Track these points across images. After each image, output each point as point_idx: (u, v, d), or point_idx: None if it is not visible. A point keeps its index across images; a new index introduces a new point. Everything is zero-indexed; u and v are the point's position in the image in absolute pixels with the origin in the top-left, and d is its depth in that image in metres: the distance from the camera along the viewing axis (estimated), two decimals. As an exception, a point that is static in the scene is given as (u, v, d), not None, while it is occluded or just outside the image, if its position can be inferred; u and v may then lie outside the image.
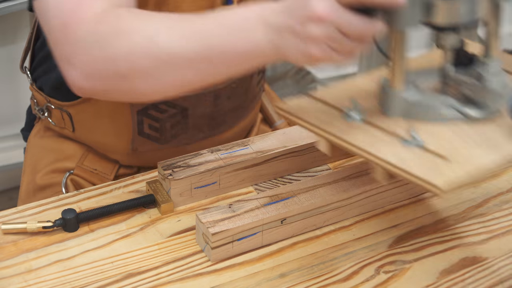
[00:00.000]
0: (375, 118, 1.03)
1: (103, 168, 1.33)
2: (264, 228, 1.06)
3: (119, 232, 1.09)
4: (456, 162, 0.95)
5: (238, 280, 1.02)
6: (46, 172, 1.35)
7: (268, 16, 0.94)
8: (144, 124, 1.27)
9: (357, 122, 1.03)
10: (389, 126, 1.01)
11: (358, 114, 1.04)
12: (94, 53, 1.00)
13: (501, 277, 1.04)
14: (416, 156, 0.96)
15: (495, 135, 0.99)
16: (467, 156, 0.96)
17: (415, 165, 0.94)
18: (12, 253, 1.05)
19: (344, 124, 1.03)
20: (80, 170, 1.33)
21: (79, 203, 1.13)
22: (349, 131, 1.01)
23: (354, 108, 1.04)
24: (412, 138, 0.98)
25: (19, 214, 1.11)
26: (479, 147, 0.97)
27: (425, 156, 0.96)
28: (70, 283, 1.00)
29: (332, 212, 1.11)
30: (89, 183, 1.32)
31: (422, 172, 0.93)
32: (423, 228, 1.11)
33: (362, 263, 1.05)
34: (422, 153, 0.97)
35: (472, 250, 1.08)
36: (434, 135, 1.00)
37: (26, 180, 1.39)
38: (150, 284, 1.01)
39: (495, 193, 1.18)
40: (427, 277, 1.03)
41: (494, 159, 0.95)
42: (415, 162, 0.95)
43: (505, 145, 0.97)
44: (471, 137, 0.99)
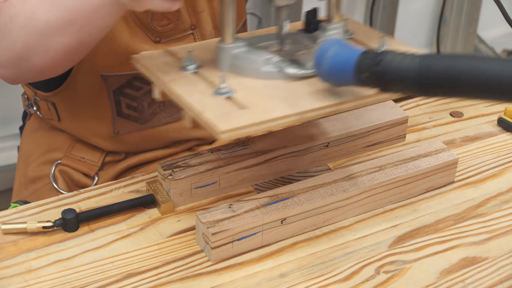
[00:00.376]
0: (206, 70, 1.07)
1: (91, 156, 1.38)
2: (264, 228, 1.06)
3: (119, 232, 1.09)
4: (251, 111, 0.97)
5: (238, 280, 1.02)
6: (37, 164, 1.39)
7: None
8: (122, 104, 1.32)
9: (190, 72, 1.07)
10: (213, 78, 1.05)
11: (193, 66, 1.08)
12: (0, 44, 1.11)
13: (501, 277, 1.04)
14: (218, 104, 0.99)
15: (300, 92, 1.01)
16: (264, 107, 0.98)
17: (211, 111, 0.97)
18: (12, 253, 1.05)
19: (178, 74, 1.07)
20: (68, 160, 1.37)
21: (79, 203, 1.13)
22: (178, 80, 1.05)
23: (189, 60, 1.08)
24: (223, 87, 1.01)
25: (19, 214, 1.11)
26: (279, 101, 1.00)
27: (227, 104, 0.99)
28: (70, 283, 1.00)
29: (332, 212, 1.11)
30: (77, 172, 1.36)
31: (213, 116, 0.96)
32: (423, 228, 1.11)
33: (362, 263, 1.05)
34: (225, 102, 1.00)
35: (472, 250, 1.08)
36: (247, 88, 1.03)
37: (19, 175, 1.42)
38: (150, 284, 1.01)
39: (495, 193, 1.18)
40: (427, 277, 1.03)
41: (285, 112, 0.97)
42: (213, 108, 0.98)
43: (303, 102, 0.99)
44: (279, 92, 1.02)
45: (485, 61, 0.84)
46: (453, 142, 1.28)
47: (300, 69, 1.04)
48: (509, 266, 1.05)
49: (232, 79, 1.05)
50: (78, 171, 1.37)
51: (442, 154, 1.19)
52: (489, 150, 1.27)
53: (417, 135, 1.30)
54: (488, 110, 1.36)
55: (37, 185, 1.39)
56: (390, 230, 1.11)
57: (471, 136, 1.30)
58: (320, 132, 1.23)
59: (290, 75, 1.04)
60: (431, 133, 1.30)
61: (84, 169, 1.37)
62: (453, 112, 1.36)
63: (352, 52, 0.95)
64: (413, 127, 1.31)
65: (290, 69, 1.04)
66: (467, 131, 1.31)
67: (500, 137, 1.30)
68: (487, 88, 0.84)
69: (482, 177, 1.21)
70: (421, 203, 1.16)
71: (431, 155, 1.18)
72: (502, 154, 1.26)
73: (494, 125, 1.32)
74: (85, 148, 1.38)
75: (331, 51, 0.96)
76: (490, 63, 0.84)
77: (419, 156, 1.18)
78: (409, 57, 0.89)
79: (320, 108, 0.98)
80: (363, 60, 0.93)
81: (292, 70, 1.04)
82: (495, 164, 1.24)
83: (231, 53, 1.07)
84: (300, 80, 1.03)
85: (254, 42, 1.12)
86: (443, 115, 1.35)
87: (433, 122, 1.33)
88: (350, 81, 0.95)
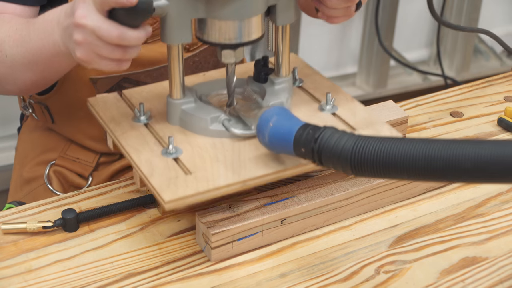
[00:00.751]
0: (157, 123, 1.11)
1: (85, 156, 1.39)
2: (264, 228, 1.06)
3: (119, 232, 1.09)
4: (194, 178, 1.00)
5: (238, 280, 1.02)
6: (32, 165, 1.39)
7: (61, 17, 1.05)
8: None
9: (141, 124, 1.11)
10: (162, 133, 1.09)
11: (145, 118, 1.12)
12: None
13: (501, 277, 1.04)
14: (165, 168, 1.03)
15: (245, 156, 1.05)
16: (208, 174, 1.02)
17: (158, 176, 1.01)
18: (12, 253, 1.05)
19: (129, 126, 1.11)
20: (62, 160, 1.38)
21: (79, 203, 1.13)
22: (128, 133, 1.09)
23: (141, 111, 1.12)
24: (171, 148, 1.05)
25: (19, 214, 1.11)
26: (223, 166, 1.03)
27: (173, 168, 1.03)
28: (70, 283, 1.00)
29: (332, 212, 1.11)
30: (72, 173, 1.37)
31: (159, 184, 0.99)
32: (423, 228, 1.11)
33: (362, 263, 1.05)
34: (172, 165, 1.03)
35: (472, 250, 1.08)
36: (194, 148, 1.06)
37: (15, 175, 1.42)
38: (150, 284, 1.01)
39: (495, 193, 1.18)
40: (427, 277, 1.03)
41: (229, 180, 1.01)
42: (160, 173, 1.01)
43: (247, 169, 1.03)
44: (225, 154, 1.05)
45: (415, 144, 0.86)
46: (453, 142, 1.28)
47: (245, 129, 1.08)
48: (509, 266, 1.05)
49: (181, 134, 1.09)
50: (73, 172, 1.37)
51: None
52: (489, 150, 1.26)
53: (417, 135, 1.30)
54: (488, 110, 1.36)
55: (32, 186, 1.39)
56: (390, 230, 1.11)
57: (471, 136, 1.30)
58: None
59: (236, 135, 1.08)
60: (431, 133, 1.30)
61: (78, 169, 1.37)
62: (453, 112, 1.35)
63: (292, 125, 0.98)
64: (413, 127, 1.31)
65: (236, 130, 1.08)
66: (467, 131, 1.31)
67: (500, 137, 1.30)
68: (417, 171, 0.85)
69: (482, 177, 1.21)
70: (421, 203, 1.16)
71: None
72: (502, 154, 1.26)
73: (494, 125, 1.32)
74: (80, 148, 1.39)
75: (272, 121, 0.99)
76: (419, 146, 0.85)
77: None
78: (345, 137, 0.91)
79: (262, 176, 1.02)
80: (301, 135, 0.96)
81: (238, 131, 1.08)
82: (495, 164, 1.24)
83: (180, 108, 1.10)
84: (245, 140, 1.08)
85: (204, 91, 1.16)
86: (443, 115, 1.35)
87: (433, 122, 1.33)
88: (290, 152, 0.98)
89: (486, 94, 1.41)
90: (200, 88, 1.17)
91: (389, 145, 0.86)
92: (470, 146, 0.82)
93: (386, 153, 0.86)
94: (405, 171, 0.86)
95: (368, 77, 2.82)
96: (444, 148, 0.83)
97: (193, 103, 1.11)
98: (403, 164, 0.85)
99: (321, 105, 1.15)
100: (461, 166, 0.82)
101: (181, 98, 1.10)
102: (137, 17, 0.98)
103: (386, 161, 0.86)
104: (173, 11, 1.03)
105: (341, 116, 1.13)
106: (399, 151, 0.86)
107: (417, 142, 0.85)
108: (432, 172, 0.84)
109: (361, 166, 0.88)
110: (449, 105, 1.37)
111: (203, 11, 1.04)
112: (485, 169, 0.81)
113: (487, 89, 1.42)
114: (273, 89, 1.15)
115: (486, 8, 2.88)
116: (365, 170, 0.89)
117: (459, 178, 0.84)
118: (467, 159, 0.82)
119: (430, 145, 0.84)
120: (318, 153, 0.93)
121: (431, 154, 0.84)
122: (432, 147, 0.84)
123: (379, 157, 0.87)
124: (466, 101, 1.39)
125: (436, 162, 0.83)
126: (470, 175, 0.83)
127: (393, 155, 0.86)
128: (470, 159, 0.82)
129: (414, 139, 0.86)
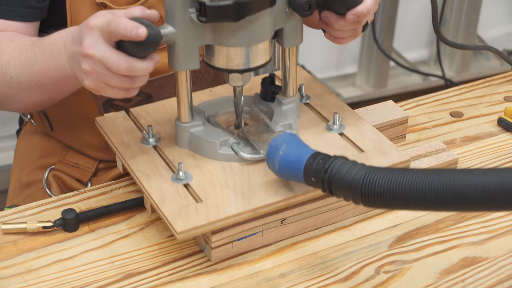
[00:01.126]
0: (166, 145, 1.12)
1: (84, 162, 1.38)
2: (264, 228, 1.06)
3: (119, 232, 1.09)
4: (205, 206, 1.01)
5: (238, 280, 1.02)
6: (31, 169, 1.39)
7: (68, 42, 1.05)
8: None
9: (150, 147, 1.12)
10: (172, 156, 1.10)
11: (153, 140, 1.12)
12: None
13: (501, 277, 1.04)
14: (175, 194, 1.03)
15: (255, 182, 1.05)
16: (219, 202, 1.02)
17: (168, 204, 1.01)
18: (12, 253, 1.05)
19: (138, 148, 1.11)
20: (61, 165, 1.37)
21: (79, 203, 1.13)
22: (137, 157, 1.10)
23: (150, 133, 1.12)
24: (181, 174, 1.05)
25: (19, 214, 1.11)
26: (234, 192, 1.03)
27: (183, 195, 1.03)
28: (70, 283, 1.00)
29: (332, 212, 1.11)
30: (71, 178, 1.36)
31: (170, 214, 1.00)
32: (423, 228, 1.11)
33: (362, 263, 1.05)
34: (182, 192, 1.04)
35: (472, 250, 1.08)
36: (204, 173, 1.07)
37: (14, 179, 1.42)
38: (150, 284, 1.01)
39: (495, 193, 1.18)
40: (427, 277, 1.03)
41: (239, 209, 1.01)
42: (171, 201, 1.02)
43: (257, 196, 1.03)
44: (234, 180, 1.06)
45: (424, 176, 0.86)
46: (453, 142, 1.28)
47: (254, 153, 1.08)
48: (509, 266, 1.05)
49: (190, 158, 1.09)
50: (71, 177, 1.37)
51: (442, 154, 1.19)
52: (489, 150, 1.27)
53: (417, 135, 1.30)
54: (488, 110, 1.36)
55: (31, 190, 1.38)
56: (390, 230, 1.11)
57: (471, 136, 1.30)
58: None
59: (245, 159, 1.08)
60: (431, 133, 1.30)
61: (77, 175, 1.37)
62: (453, 112, 1.35)
63: (303, 153, 0.98)
64: (413, 127, 1.31)
65: (245, 154, 1.08)
66: (467, 131, 1.31)
67: (500, 137, 1.30)
68: (427, 202, 0.86)
69: (482, 177, 1.21)
70: (421, 203, 1.16)
71: (431, 155, 1.18)
72: (502, 154, 1.26)
73: (494, 125, 1.32)
74: (79, 154, 1.38)
75: (282, 149, 1.00)
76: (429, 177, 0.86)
77: (419, 156, 1.18)
78: (356, 168, 0.92)
79: (272, 203, 1.03)
80: (312, 164, 0.96)
81: (247, 155, 1.08)
82: (495, 164, 1.24)
83: (188, 131, 1.11)
84: (254, 163, 1.08)
85: (212, 111, 1.17)
86: (443, 115, 1.35)
87: (433, 122, 1.33)
88: (300, 180, 0.99)
89: (486, 94, 1.41)
90: (208, 108, 1.17)
91: (399, 177, 0.87)
92: (478, 175, 0.83)
93: (396, 184, 0.87)
94: (416, 203, 0.87)
95: (368, 77, 2.82)
96: (453, 179, 0.84)
97: (202, 126, 1.11)
98: (413, 196, 0.87)
99: (329, 125, 1.15)
100: (470, 196, 0.83)
101: (189, 121, 1.11)
102: (145, 49, 0.98)
103: (397, 193, 0.87)
104: (180, 38, 1.02)
105: (349, 136, 1.14)
106: (409, 182, 0.87)
107: (426, 173, 0.86)
108: (442, 203, 0.85)
109: (371, 198, 0.90)
110: (449, 105, 1.37)
111: (211, 38, 1.03)
112: (493, 198, 0.82)
113: (487, 89, 1.42)
114: (281, 110, 1.15)
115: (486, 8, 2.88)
116: (376, 201, 0.90)
117: (469, 208, 0.86)
118: (476, 189, 0.83)
119: (439, 176, 0.85)
120: (328, 183, 0.94)
121: (440, 186, 0.85)
122: (441, 178, 0.85)
123: (389, 188, 0.88)
124: (466, 101, 1.39)
125: (445, 193, 0.84)
126: (480, 205, 0.84)
127: (403, 187, 0.87)
128: (479, 189, 0.83)
129: (423, 170, 0.87)
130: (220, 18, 1.00)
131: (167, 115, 1.18)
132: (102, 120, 1.17)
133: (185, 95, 1.09)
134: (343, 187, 0.92)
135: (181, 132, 1.11)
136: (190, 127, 1.11)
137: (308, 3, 1.03)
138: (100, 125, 1.17)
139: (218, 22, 1.01)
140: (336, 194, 0.94)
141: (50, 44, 1.09)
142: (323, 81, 2.69)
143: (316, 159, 0.96)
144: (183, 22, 1.01)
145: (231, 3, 0.98)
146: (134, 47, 0.97)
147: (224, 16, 0.99)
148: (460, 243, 1.09)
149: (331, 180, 0.93)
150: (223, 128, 1.14)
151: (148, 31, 0.95)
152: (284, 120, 1.13)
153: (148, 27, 0.96)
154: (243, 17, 1.00)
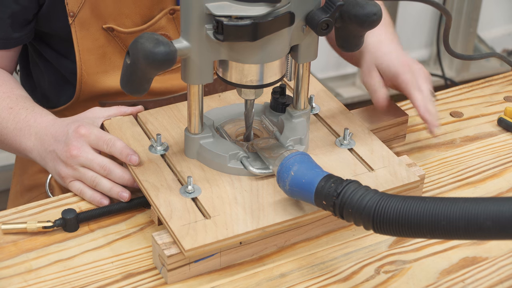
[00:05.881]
0: (173, 156, 1.11)
1: None
2: (222, 249, 1.03)
3: (119, 232, 1.09)
4: (214, 223, 1.00)
5: (238, 280, 1.02)
6: (33, 172, 1.38)
7: (43, 133, 1.14)
8: None
9: (157, 156, 1.11)
10: (180, 167, 1.09)
11: (161, 148, 1.12)
12: None
13: (501, 277, 1.04)
14: (183, 209, 1.02)
15: (264, 199, 1.04)
16: (228, 218, 1.01)
17: (177, 220, 1.00)
18: (12, 253, 1.05)
19: (145, 156, 1.11)
20: None
21: (79, 203, 1.13)
22: (145, 165, 1.10)
23: (159, 142, 1.12)
24: (190, 188, 1.04)
25: (19, 214, 1.11)
26: (243, 209, 1.02)
27: (192, 210, 1.02)
28: (70, 283, 1.00)
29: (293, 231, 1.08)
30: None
31: (178, 230, 0.99)
32: (423, 228, 1.11)
33: (362, 263, 1.05)
34: (191, 206, 1.03)
35: (472, 250, 1.08)
36: (212, 187, 1.06)
37: (15, 182, 1.41)
38: (150, 284, 1.01)
39: (495, 193, 1.18)
40: (427, 277, 1.03)
41: (248, 228, 1.00)
42: (179, 216, 1.01)
43: (266, 215, 1.02)
44: (244, 195, 1.05)
45: (437, 204, 0.87)
46: (453, 142, 1.28)
47: (263, 168, 1.07)
48: (509, 266, 1.05)
49: (199, 169, 1.09)
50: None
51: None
52: (489, 150, 1.26)
53: (417, 135, 1.30)
54: (488, 110, 1.36)
55: (33, 193, 1.38)
56: (390, 230, 1.11)
57: (471, 136, 1.30)
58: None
59: (254, 174, 1.07)
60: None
61: None
62: (453, 112, 1.35)
63: (314, 176, 0.98)
64: (413, 127, 1.31)
65: (255, 169, 1.07)
66: (467, 131, 1.31)
67: (500, 137, 1.30)
68: (439, 231, 0.87)
69: (482, 177, 1.21)
70: (421, 203, 1.16)
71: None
72: (502, 154, 1.26)
73: (494, 125, 1.32)
74: None
75: (293, 170, 0.99)
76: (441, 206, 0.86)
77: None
78: (369, 195, 0.92)
79: (281, 223, 1.02)
80: (323, 188, 0.96)
81: (256, 170, 1.07)
82: (495, 164, 1.24)
83: (198, 143, 1.10)
84: (263, 179, 1.08)
85: (221, 120, 1.16)
86: (443, 115, 1.35)
87: (433, 122, 1.33)
88: (310, 202, 0.98)
89: (486, 94, 1.41)
90: (217, 117, 1.16)
91: (412, 205, 0.88)
92: (490, 205, 0.83)
93: (408, 213, 0.88)
94: (428, 231, 0.87)
95: (368, 77, 2.81)
96: (465, 208, 0.84)
97: (211, 138, 1.10)
98: (425, 224, 0.87)
99: (339, 140, 1.15)
100: (482, 225, 0.83)
101: (199, 133, 1.10)
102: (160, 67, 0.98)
103: (409, 221, 0.88)
104: (195, 54, 1.01)
105: (359, 152, 1.13)
106: (421, 211, 0.87)
107: (438, 202, 0.87)
108: (454, 231, 0.86)
109: (383, 225, 0.90)
110: (449, 105, 1.37)
111: (226, 55, 1.02)
112: (506, 227, 0.83)
113: (487, 89, 1.42)
114: (291, 123, 1.14)
115: (486, 8, 2.88)
116: (387, 229, 0.90)
117: (482, 237, 0.86)
118: (488, 218, 0.83)
119: (452, 205, 0.85)
120: (340, 208, 0.94)
121: (452, 214, 0.85)
122: (453, 207, 0.85)
123: (401, 216, 0.88)
124: (466, 101, 1.39)
125: (457, 221, 0.85)
126: (492, 234, 0.84)
127: (415, 215, 0.87)
128: (491, 218, 0.83)
129: (435, 199, 0.87)
130: (237, 38, 0.98)
131: (175, 121, 1.17)
132: (109, 124, 1.16)
133: (196, 107, 1.08)
134: (355, 213, 0.92)
135: (190, 143, 1.10)
136: (199, 138, 1.10)
137: (326, 22, 1.02)
138: (107, 129, 1.16)
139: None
140: (347, 219, 0.94)
141: (25, 122, 1.16)
142: (323, 81, 2.69)
143: (328, 182, 0.96)
144: (198, 38, 1.00)
145: (249, 23, 0.97)
146: (147, 65, 0.96)
147: (241, 36, 0.98)
148: (460, 243, 1.09)
149: (342, 205, 0.94)
150: (232, 140, 1.13)
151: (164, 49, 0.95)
152: (294, 135, 1.12)
153: (164, 45, 0.95)
154: (261, 37, 0.99)
